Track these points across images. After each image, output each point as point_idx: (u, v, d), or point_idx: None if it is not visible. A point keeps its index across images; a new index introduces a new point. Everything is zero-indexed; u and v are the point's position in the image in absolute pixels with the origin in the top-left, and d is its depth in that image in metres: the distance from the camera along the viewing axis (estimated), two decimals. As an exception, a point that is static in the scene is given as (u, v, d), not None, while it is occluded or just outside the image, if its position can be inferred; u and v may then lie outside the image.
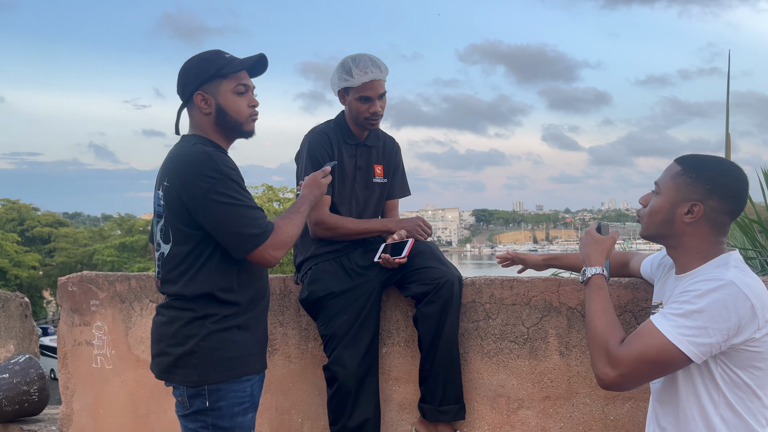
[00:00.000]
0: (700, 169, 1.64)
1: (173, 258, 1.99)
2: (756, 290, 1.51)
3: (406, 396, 2.64)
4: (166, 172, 1.99)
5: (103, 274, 3.30)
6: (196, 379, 1.94)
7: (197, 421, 1.97)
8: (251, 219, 1.92)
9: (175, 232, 1.97)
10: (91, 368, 3.30)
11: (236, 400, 1.97)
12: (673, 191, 1.65)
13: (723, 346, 1.50)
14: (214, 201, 1.89)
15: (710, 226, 1.63)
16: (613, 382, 1.56)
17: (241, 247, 1.92)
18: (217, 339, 1.95)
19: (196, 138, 2.03)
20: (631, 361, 1.53)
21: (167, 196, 1.97)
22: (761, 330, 1.50)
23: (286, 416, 2.86)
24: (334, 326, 2.50)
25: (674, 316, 1.51)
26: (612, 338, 1.59)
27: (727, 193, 1.61)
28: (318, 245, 2.64)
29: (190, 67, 2.05)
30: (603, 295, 1.70)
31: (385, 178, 2.79)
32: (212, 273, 1.96)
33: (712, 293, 1.49)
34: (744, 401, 1.55)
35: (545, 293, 2.40)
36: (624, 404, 2.28)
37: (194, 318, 1.95)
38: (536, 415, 2.41)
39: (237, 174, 1.96)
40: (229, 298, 1.97)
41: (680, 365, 1.53)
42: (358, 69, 2.53)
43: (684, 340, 1.49)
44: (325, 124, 2.72)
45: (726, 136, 6.38)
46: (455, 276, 2.46)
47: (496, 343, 2.47)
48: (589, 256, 1.81)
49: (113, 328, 3.24)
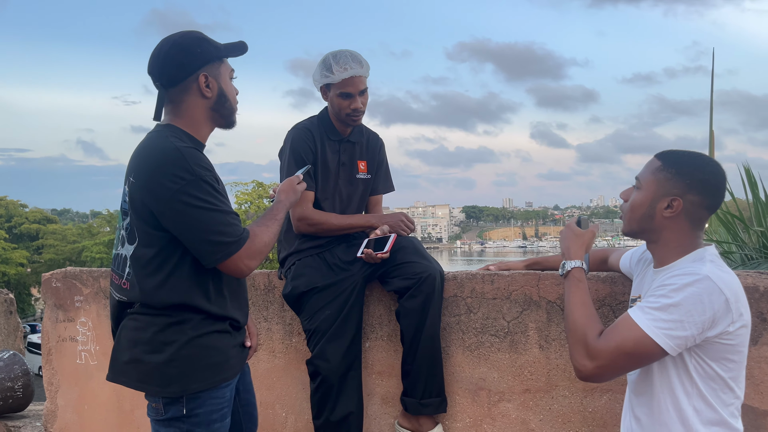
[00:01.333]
0: (679, 165, 1.67)
1: (139, 260, 1.80)
2: (730, 285, 1.54)
3: (389, 390, 2.66)
4: (132, 167, 1.81)
5: (87, 269, 3.30)
6: (175, 390, 1.78)
7: (172, 426, 1.82)
8: (224, 225, 1.75)
9: (140, 231, 1.80)
10: (75, 364, 3.30)
11: (215, 407, 1.85)
12: (654, 186, 1.68)
13: (698, 339, 1.53)
14: (183, 203, 1.71)
15: (689, 220, 1.66)
16: (591, 373, 1.60)
17: (212, 255, 1.75)
18: (197, 345, 1.79)
19: (170, 130, 1.84)
20: (609, 354, 1.57)
21: (132, 194, 1.79)
22: (735, 323, 1.53)
23: (270, 411, 2.87)
24: (318, 321, 2.52)
25: (651, 310, 1.55)
26: (590, 331, 1.62)
27: (705, 187, 1.64)
28: (301, 240, 2.66)
29: (188, 45, 1.85)
30: (582, 288, 1.73)
31: (368, 174, 2.80)
32: (183, 280, 1.78)
33: (688, 287, 1.52)
34: (717, 393, 1.58)
35: (525, 287, 2.43)
36: (602, 396, 2.32)
37: (171, 323, 1.78)
38: (516, 408, 2.44)
39: (211, 175, 1.78)
40: (204, 307, 1.81)
41: (656, 357, 1.56)
42: (338, 65, 2.54)
43: (660, 333, 1.52)
44: (308, 120, 2.73)
45: (710, 134, 6.45)
46: (437, 270, 2.48)
47: (477, 336, 2.50)
48: (569, 249, 1.83)
49: (98, 324, 3.24)
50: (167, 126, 1.86)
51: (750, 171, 4.24)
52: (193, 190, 1.72)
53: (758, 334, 2.12)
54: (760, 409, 2.13)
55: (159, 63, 1.85)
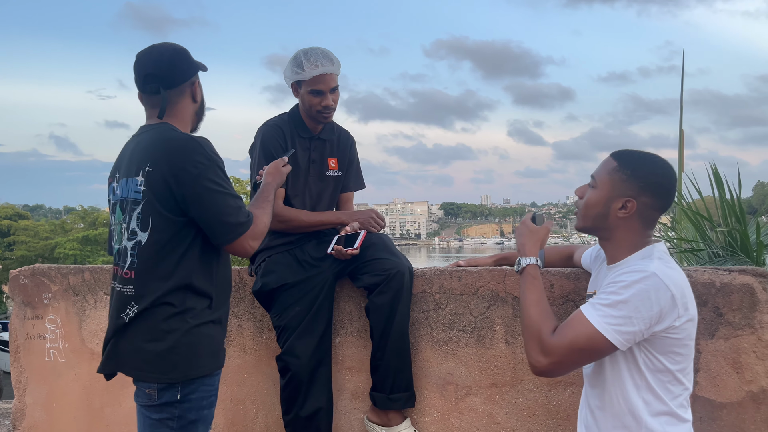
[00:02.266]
0: (635, 166, 1.71)
1: (151, 246, 1.93)
2: (676, 281, 1.60)
3: (358, 385, 2.69)
4: (146, 157, 1.94)
5: (56, 266, 3.27)
6: (176, 375, 1.89)
7: (163, 411, 1.91)
8: (236, 208, 1.94)
9: (155, 218, 1.92)
10: (43, 362, 3.27)
11: (206, 393, 1.96)
12: (609, 186, 1.73)
13: (645, 333, 1.58)
14: (203, 187, 1.89)
15: (641, 220, 1.71)
16: (545, 369, 1.64)
17: (225, 235, 1.93)
18: (197, 334, 1.92)
19: (170, 126, 2.02)
20: (563, 350, 1.61)
21: (150, 182, 1.92)
22: (681, 318, 1.59)
23: (240, 407, 2.88)
24: (288, 317, 2.54)
25: (602, 306, 1.60)
26: (545, 327, 1.66)
27: (658, 190, 1.70)
28: (272, 237, 2.67)
29: (186, 54, 2.08)
30: (537, 285, 1.77)
31: (339, 171, 2.82)
32: (192, 262, 1.93)
33: (636, 284, 1.58)
34: (665, 385, 1.64)
35: (492, 283, 2.47)
36: (566, 390, 2.37)
37: (174, 313, 1.90)
38: (483, 402, 2.48)
39: (221, 161, 1.98)
40: (207, 289, 1.95)
41: (607, 352, 1.62)
42: (309, 62, 2.55)
43: (610, 329, 1.57)
44: (278, 117, 2.74)
45: (680, 133, 6.58)
46: (406, 267, 2.51)
47: (445, 332, 2.53)
48: (524, 246, 1.87)
49: (66, 321, 3.21)
50: (164, 123, 2.03)
51: (717, 171, 4.33)
52: (211, 175, 1.91)
53: (714, 329, 2.18)
54: (717, 401, 2.20)
55: (164, 65, 2.03)
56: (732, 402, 2.19)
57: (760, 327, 2.16)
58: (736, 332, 2.17)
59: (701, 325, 2.19)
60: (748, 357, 2.17)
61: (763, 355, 2.16)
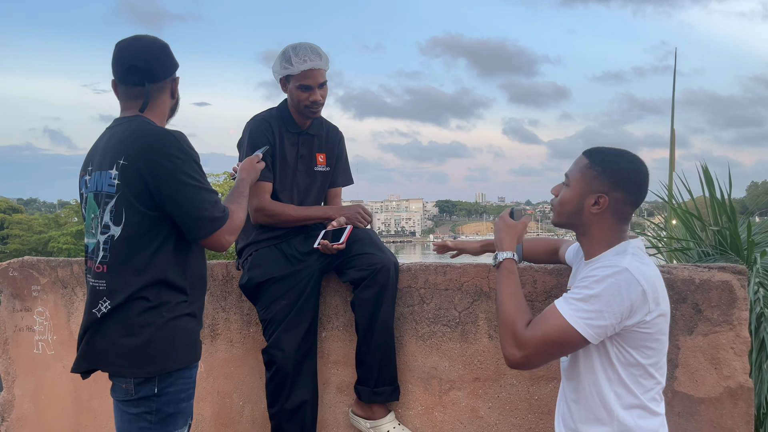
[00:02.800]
0: (606, 163, 1.75)
1: (124, 240, 1.90)
2: (648, 276, 1.63)
3: (344, 379, 2.71)
4: (121, 150, 1.91)
5: (45, 259, 3.28)
6: (152, 369, 1.88)
7: (141, 406, 1.90)
8: (212, 203, 1.92)
9: (129, 212, 1.90)
10: (32, 354, 3.28)
11: (184, 386, 1.95)
12: (582, 183, 1.77)
13: (617, 327, 1.61)
14: (179, 182, 1.87)
15: (614, 215, 1.74)
16: (518, 362, 1.68)
17: (200, 230, 1.92)
18: (172, 327, 1.91)
19: (146, 119, 1.99)
20: (536, 343, 1.65)
21: (125, 175, 1.89)
22: (652, 313, 1.62)
23: (227, 400, 2.90)
24: (273, 311, 2.56)
25: (574, 300, 1.63)
26: (519, 321, 1.70)
27: (630, 185, 1.73)
28: (259, 231, 2.69)
29: (169, 50, 2.06)
30: (513, 279, 1.81)
31: (327, 166, 2.83)
32: (167, 257, 1.91)
33: (607, 279, 1.61)
34: (637, 378, 1.67)
35: (476, 279, 2.49)
36: (548, 384, 2.40)
37: (148, 307, 1.89)
38: (466, 396, 2.51)
39: (197, 155, 1.96)
40: (181, 284, 1.94)
41: (579, 346, 1.65)
42: (297, 57, 2.56)
43: (582, 323, 1.60)
44: (267, 112, 2.75)
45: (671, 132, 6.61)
46: (391, 262, 2.54)
47: (429, 326, 2.56)
48: (501, 240, 1.91)
49: (55, 314, 3.22)
50: (140, 116, 2.00)
51: (707, 170, 4.36)
52: (187, 169, 1.89)
53: (693, 325, 2.22)
54: (695, 396, 2.23)
55: (150, 59, 2.00)
56: (710, 397, 2.22)
57: (738, 323, 2.19)
58: (714, 328, 2.20)
59: (681, 321, 2.22)
60: (726, 353, 2.20)
61: (740, 351, 2.19)
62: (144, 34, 2.08)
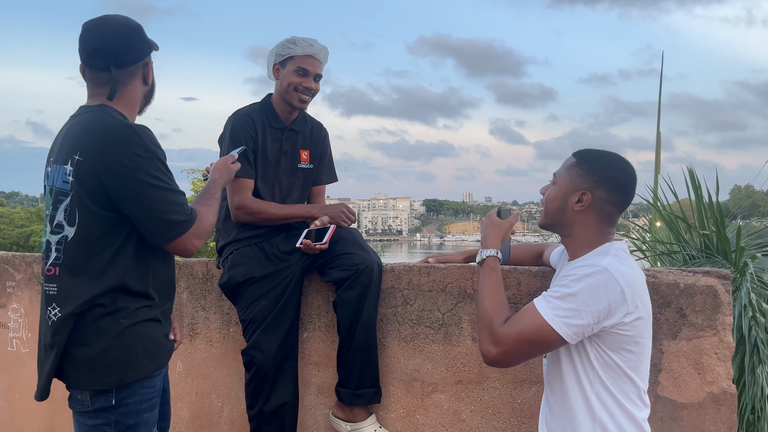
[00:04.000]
0: (590, 162, 1.76)
1: (78, 243, 1.75)
2: (628, 277, 1.61)
3: (325, 380, 2.67)
4: (77, 144, 1.75)
5: (20, 254, 3.20)
6: (109, 381, 1.73)
7: (99, 417, 1.76)
8: (176, 204, 1.77)
9: (83, 213, 1.74)
10: (6, 351, 3.21)
11: (145, 396, 1.81)
12: (567, 181, 1.77)
13: (595, 328, 1.60)
14: (140, 182, 1.71)
15: (598, 215, 1.74)
16: (494, 358, 1.66)
17: (163, 234, 1.76)
18: (130, 335, 1.76)
19: (110, 109, 1.81)
20: (511, 340, 1.64)
21: (80, 173, 1.73)
22: (630, 315, 1.60)
23: (206, 400, 2.85)
24: (254, 311, 2.51)
25: (552, 299, 1.62)
26: (497, 318, 1.69)
27: (613, 184, 1.73)
28: (240, 230, 2.63)
29: (142, 32, 1.88)
30: (494, 277, 1.80)
31: (311, 163, 2.79)
32: (126, 262, 1.76)
33: (586, 278, 1.60)
34: (616, 381, 1.66)
35: (460, 280, 2.46)
36: (531, 388, 2.37)
37: (103, 314, 1.74)
38: (449, 399, 2.48)
39: (162, 153, 1.79)
40: (142, 290, 1.79)
41: (556, 345, 1.63)
42: (304, 42, 2.62)
43: (559, 321, 1.59)
44: (249, 107, 2.70)
45: (657, 135, 6.63)
46: (375, 262, 2.50)
47: (412, 328, 2.52)
48: (486, 238, 1.91)
49: (30, 311, 3.15)
50: (103, 106, 1.83)
51: (694, 173, 4.37)
52: (150, 168, 1.73)
53: (677, 329, 2.20)
54: (678, 401, 2.22)
55: (118, 42, 1.83)
56: (693, 403, 2.21)
57: (722, 329, 2.17)
58: (698, 333, 2.19)
59: (664, 326, 2.20)
60: (709, 358, 2.18)
61: (724, 356, 2.18)
62: (114, 14, 1.90)
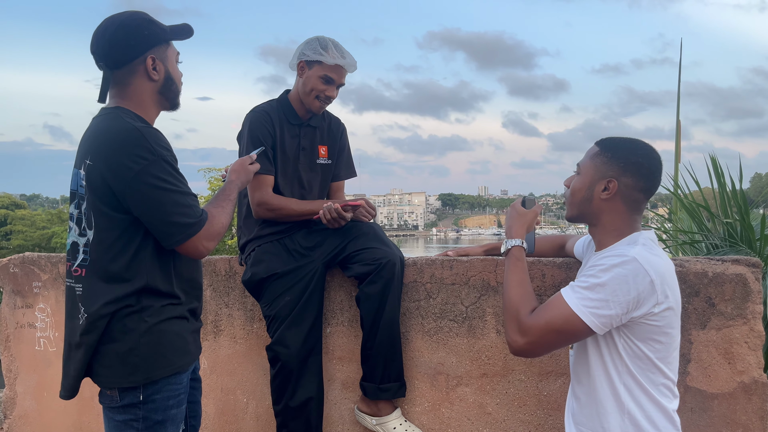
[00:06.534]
0: (615, 149, 1.73)
1: (98, 245, 1.76)
2: (657, 267, 1.58)
3: (349, 375, 2.67)
4: (88, 148, 1.77)
5: (45, 255, 3.24)
6: (137, 378, 1.75)
7: (127, 413, 1.79)
8: (185, 207, 1.75)
9: (98, 216, 1.76)
10: (34, 351, 3.25)
11: (172, 392, 1.83)
12: (592, 170, 1.75)
13: (623, 318, 1.58)
14: (146, 185, 1.69)
15: (625, 203, 1.71)
16: (521, 348, 1.65)
17: (172, 237, 1.74)
18: (157, 332, 1.77)
19: (122, 111, 1.81)
20: (539, 330, 1.62)
21: (90, 177, 1.75)
22: (660, 305, 1.58)
23: (231, 396, 2.87)
24: (277, 307, 2.51)
25: (580, 289, 1.60)
26: (523, 308, 1.67)
27: (639, 170, 1.70)
28: (261, 226, 2.64)
29: (136, 27, 1.82)
30: (520, 267, 1.78)
31: (329, 159, 2.79)
32: (148, 263, 1.77)
33: (615, 268, 1.57)
34: (645, 372, 1.63)
35: (483, 273, 2.45)
36: (557, 380, 2.36)
37: (129, 313, 1.75)
38: (474, 392, 2.47)
39: (171, 155, 1.77)
40: (166, 289, 1.80)
41: (583, 335, 1.61)
42: (336, 50, 2.60)
43: (587, 312, 1.57)
44: (267, 104, 2.70)
45: (677, 123, 6.53)
46: (397, 256, 2.49)
47: (436, 321, 2.52)
48: (511, 228, 1.89)
49: (56, 310, 3.19)
50: (117, 108, 1.82)
51: (716, 161, 4.30)
52: (155, 170, 1.71)
53: (706, 319, 2.17)
54: (708, 392, 2.19)
55: (104, 43, 1.81)
56: (723, 393, 2.17)
57: (752, 317, 2.14)
58: (728, 322, 2.16)
59: (693, 315, 2.17)
60: (739, 347, 2.15)
61: (754, 345, 2.14)
62: (118, 13, 1.88)
